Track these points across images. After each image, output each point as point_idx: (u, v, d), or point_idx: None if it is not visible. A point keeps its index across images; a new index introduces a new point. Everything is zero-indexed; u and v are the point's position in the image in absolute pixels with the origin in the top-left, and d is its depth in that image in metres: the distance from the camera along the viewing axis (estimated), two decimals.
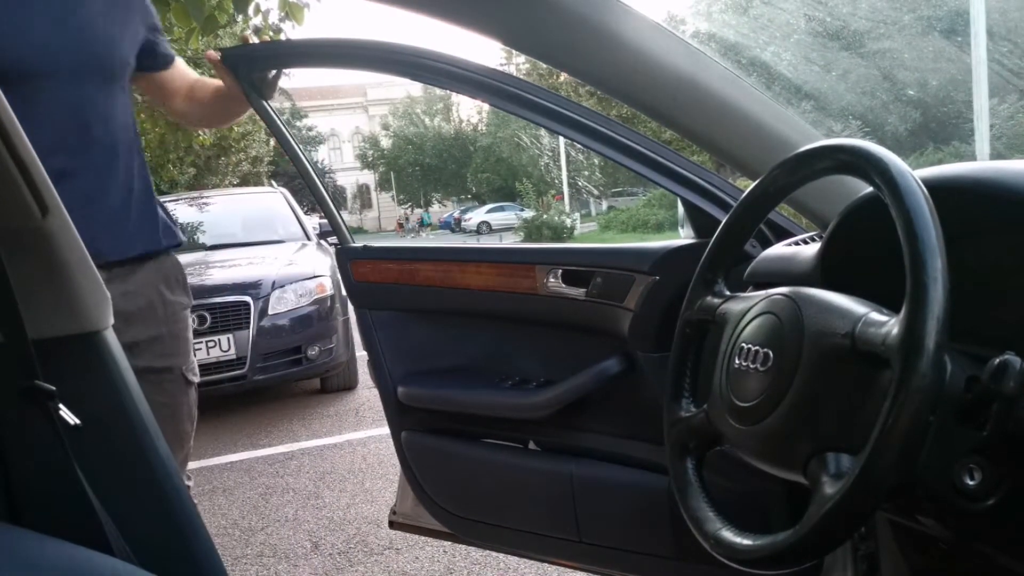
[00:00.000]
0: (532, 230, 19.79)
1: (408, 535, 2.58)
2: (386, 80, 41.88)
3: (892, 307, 0.74)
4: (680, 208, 1.72)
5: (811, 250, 1.14)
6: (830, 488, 0.72)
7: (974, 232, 0.83)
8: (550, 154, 26.62)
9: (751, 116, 1.15)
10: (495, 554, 2.60)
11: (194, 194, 7.74)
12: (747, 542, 0.82)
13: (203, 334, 4.61)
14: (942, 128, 15.18)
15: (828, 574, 1.21)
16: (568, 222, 20.56)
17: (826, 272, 1.05)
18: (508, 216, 30.73)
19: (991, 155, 11.38)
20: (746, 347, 0.87)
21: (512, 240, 21.65)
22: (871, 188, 0.98)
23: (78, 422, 1.00)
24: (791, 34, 15.89)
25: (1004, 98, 13.49)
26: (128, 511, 1.07)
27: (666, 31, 1.13)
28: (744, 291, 1.02)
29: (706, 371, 0.98)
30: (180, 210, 6.37)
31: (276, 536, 3.15)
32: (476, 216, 34.97)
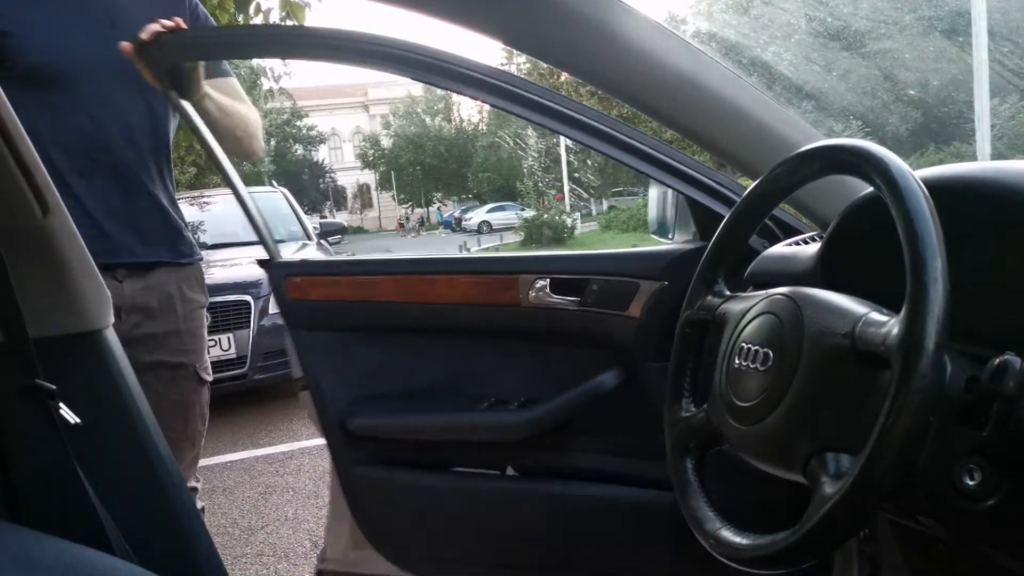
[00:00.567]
0: (533, 230, 19.79)
1: None
2: (387, 79, 41.81)
3: (892, 307, 0.74)
4: (651, 210, 1.68)
5: (811, 250, 1.14)
6: (830, 488, 0.72)
7: (975, 232, 0.83)
8: (542, 155, 26.60)
9: (752, 116, 1.15)
10: None
11: (195, 193, 7.73)
12: (747, 541, 0.82)
13: None
14: (943, 128, 15.18)
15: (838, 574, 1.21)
16: (568, 222, 20.55)
17: (826, 272, 1.05)
18: (509, 216, 30.74)
19: (992, 155, 11.37)
20: (746, 347, 0.87)
21: (513, 240, 21.64)
22: (871, 188, 0.98)
23: (78, 421, 1.00)
24: (792, 34, 15.90)
25: (1005, 98, 13.49)
26: (128, 510, 1.07)
27: (667, 31, 1.13)
28: (744, 291, 1.02)
29: (706, 371, 0.98)
30: (181, 209, 6.36)
31: (276, 535, 3.15)
32: (477, 216, 34.97)
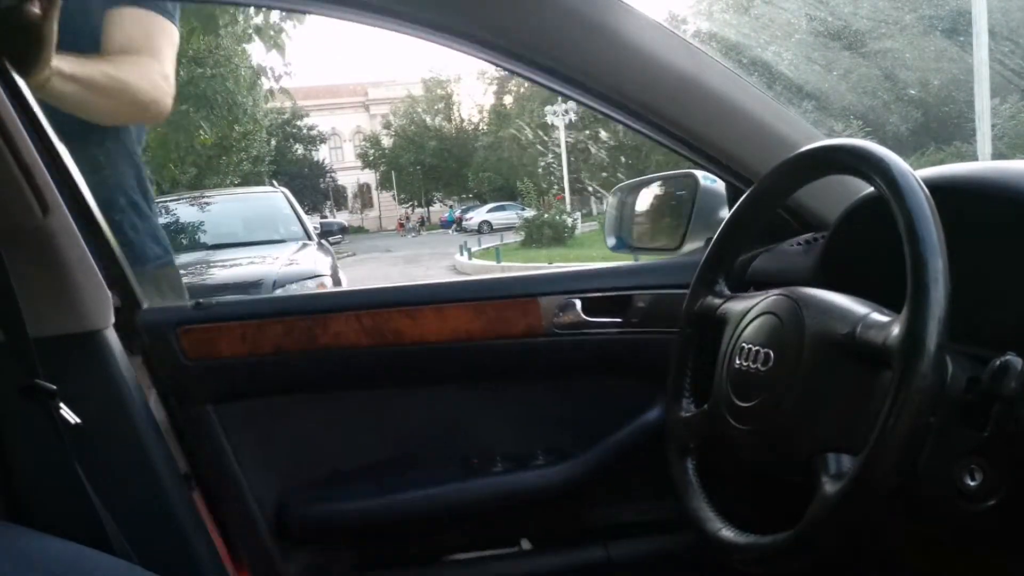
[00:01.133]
0: (533, 229, 19.77)
1: None
2: (387, 79, 41.85)
3: (893, 307, 0.74)
4: (609, 211, 1.52)
5: (813, 250, 1.14)
6: (830, 488, 0.72)
7: (975, 232, 0.83)
8: (554, 151, 26.56)
9: (752, 116, 1.15)
10: None
11: (195, 193, 7.74)
12: (747, 541, 0.82)
13: None
14: (943, 128, 15.18)
15: None
16: (569, 221, 20.54)
17: (827, 272, 1.05)
18: (509, 215, 30.72)
19: (993, 155, 11.36)
20: (747, 347, 0.87)
21: (513, 240, 21.63)
22: (872, 188, 0.98)
23: (78, 421, 1.00)
24: (792, 34, 15.91)
25: (1005, 98, 13.48)
26: (128, 509, 1.07)
27: (667, 31, 1.13)
28: (746, 291, 1.02)
29: (707, 371, 0.98)
30: (181, 210, 6.38)
31: None
32: (477, 215, 34.95)
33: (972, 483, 0.76)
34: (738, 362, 0.88)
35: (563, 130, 26.52)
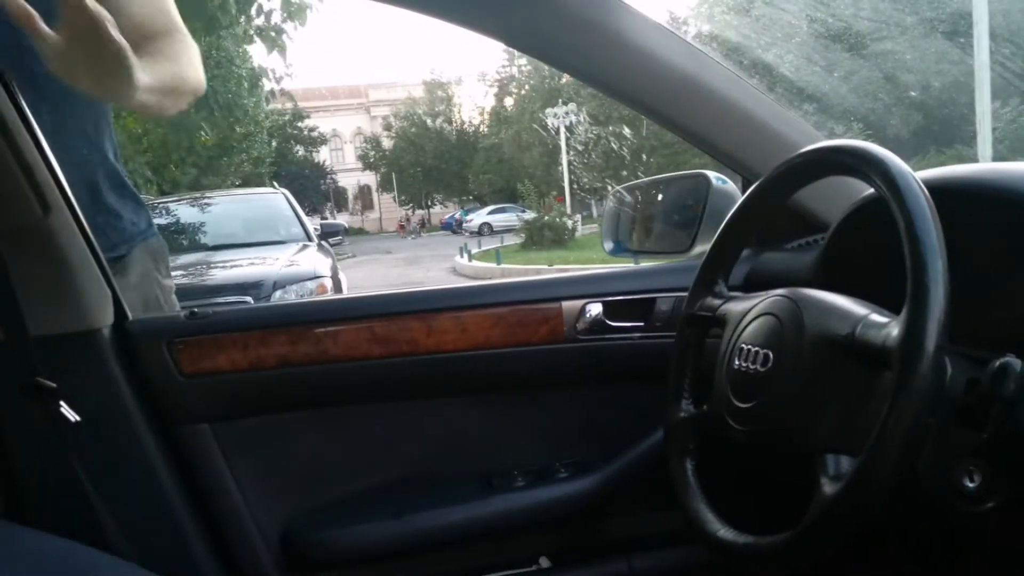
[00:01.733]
0: (534, 231, 19.77)
1: None
2: (387, 81, 41.85)
3: (893, 309, 0.74)
4: (607, 214, 1.48)
5: (813, 252, 1.14)
6: (829, 489, 0.72)
7: (975, 234, 0.83)
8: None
9: (753, 117, 1.15)
10: None
11: (196, 194, 7.74)
12: (746, 542, 0.82)
13: None
14: (944, 131, 15.17)
15: None
16: (570, 224, 20.54)
17: (827, 274, 1.05)
18: (510, 217, 30.71)
19: (993, 158, 11.36)
20: (746, 348, 0.87)
21: (514, 241, 21.62)
22: (872, 190, 0.98)
23: (78, 419, 1.00)
24: (793, 35, 15.90)
25: (1007, 101, 13.48)
26: (127, 508, 1.07)
27: (668, 32, 1.13)
28: (747, 292, 1.02)
29: (707, 372, 0.98)
30: (181, 210, 6.38)
31: None
32: (478, 218, 34.94)
33: (971, 484, 0.76)
34: (737, 363, 0.88)
35: (563, 132, 26.53)
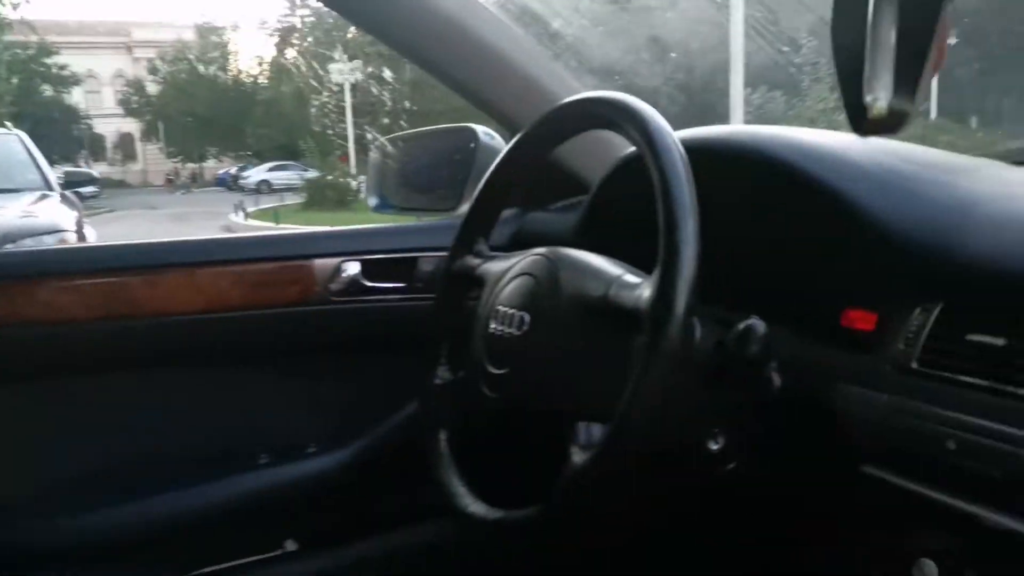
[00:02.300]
0: (316, 191, 19.08)
1: None
2: (153, 20, 38.38)
3: (649, 270, 0.72)
4: (371, 169, 1.41)
5: (577, 212, 1.12)
6: (578, 458, 0.69)
7: (724, 194, 0.83)
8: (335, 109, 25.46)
9: (520, 68, 1.10)
10: None
11: None
12: (497, 516, 0.78)
13: None
14: (704, 114, 16.37)
15: None
16: (354, 184, 20.02)
17: (589, 234, 1.02)
18: (291, 176, 29.45)
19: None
20: (502, 310, 0.82)
21: (294, 200, 20.77)
22: (632, 149, 0.96)
23: None
24: None
25: (756, 88, 14.82)
26: None
27: None
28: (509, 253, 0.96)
29: (465, 336, 0.92)
30: None
31: None
32: (256, 174, 33.13)
33: (715, 446, 0.77)
34: (493, 326, 0.82)
35: (348, 90, 25.75)
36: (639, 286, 0.68)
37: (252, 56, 42.57)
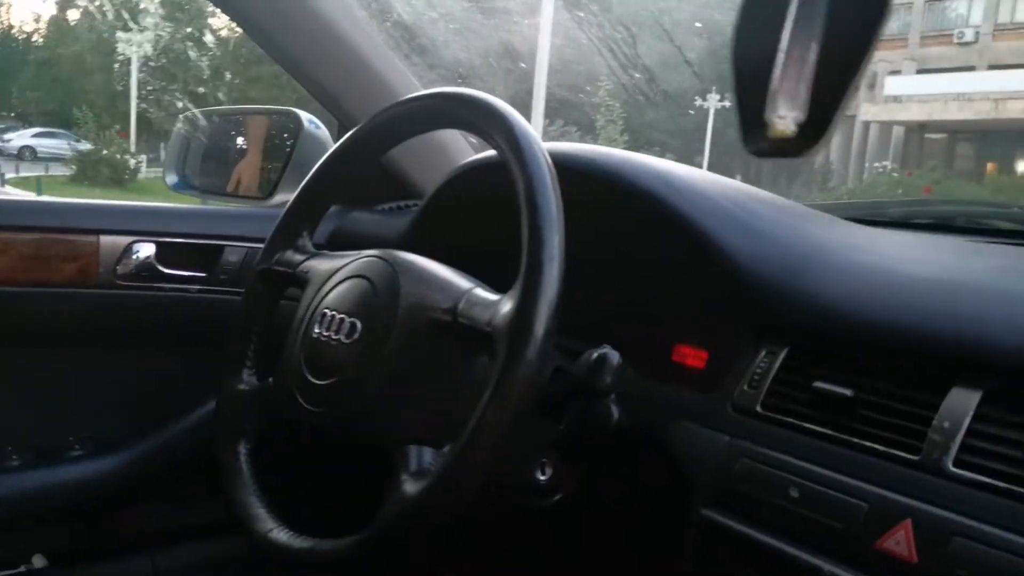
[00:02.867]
0: (88, 165, 17.34)
1: None
2: None
3: (489, 287, 0.67)
4: (173, 143, 1.26)
5: (405, 217, 1.05)
6: (410, 488, 0.62)
7: (578, 215, 0.80)
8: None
9: (363, 59, 1.03)
10: None
11: None
12: (304, 546, 0.68)
13: None
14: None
15: None
16: (132, 163, 18.40)
17: (420, 241, 0.96)
18: (60, 144, 26.53)
19: None
20: (329, 314, 0.73)
21: (61, 172, 18.76)
22: (473, 159, 0.91)
23: None
24: None
25: (553, 120, 15.47)
26: None
27: None
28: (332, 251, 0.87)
29: (278, 339, 0.82)
30: None
31: None
32: (19, 139, 29.59)
33: (543, 477, 0.73)
34: (317, 330, 0.73)
35: (135, 63, 23.76)
36: (494, 303, 0.63)
37: (29, 12, 38.15)
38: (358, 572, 0.65)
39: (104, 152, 17.80)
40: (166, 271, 1.03)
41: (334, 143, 1.10)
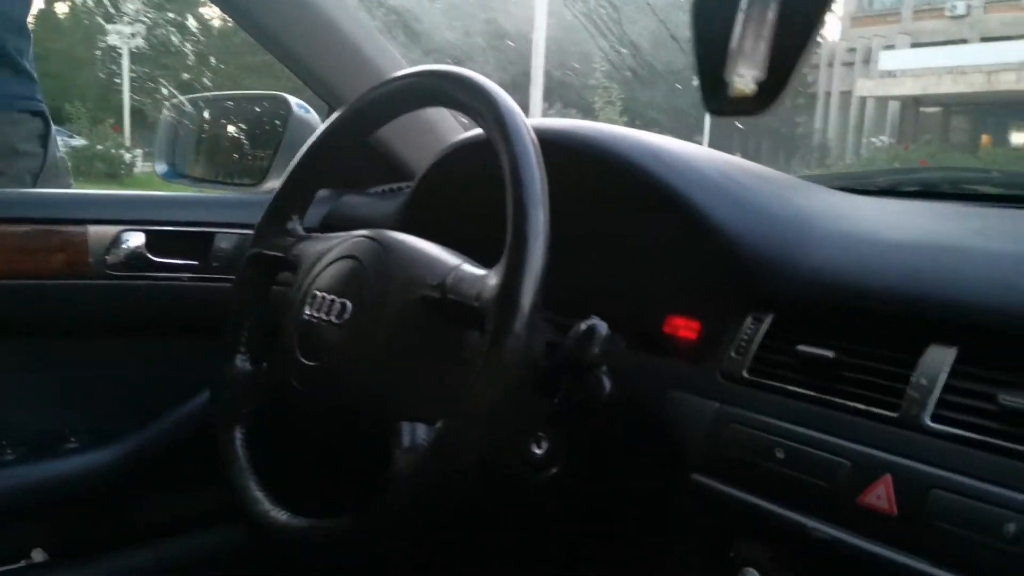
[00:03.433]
0: (83, 161, 17.26)
1: None
2: None
3: (480, 263, 0.67)
4: (162, 132, 1.27)
5: (398, 198, 1.06)
6: (404, 463, 0.62)
7: (567, 190, 0.81)
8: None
9: (350, 40, 1.03)
10: None
11: None
12: (303, 525, 0.69)
13: None
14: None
15: None
16: (128, 157, 18.32)
17: (413, 222, 0.96)
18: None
19: None
20: (320, 295, 0.73)
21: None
22: (462, 138, 0.91)
23: None
24: None
25: (552, 104, 15.39)
26: None
27: None
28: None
29: (272, 323, 0.82)
30: None
31: None
32: None
33: (539, 451, 0.74)
34: (308, 312, 0.74)
35: (127, 56, 23.61)
36: (481, 278, 0.63)
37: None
38: (356, 550, 0.66)
39: (98, 147, 17.70)
40: (157, 260, 1.02)
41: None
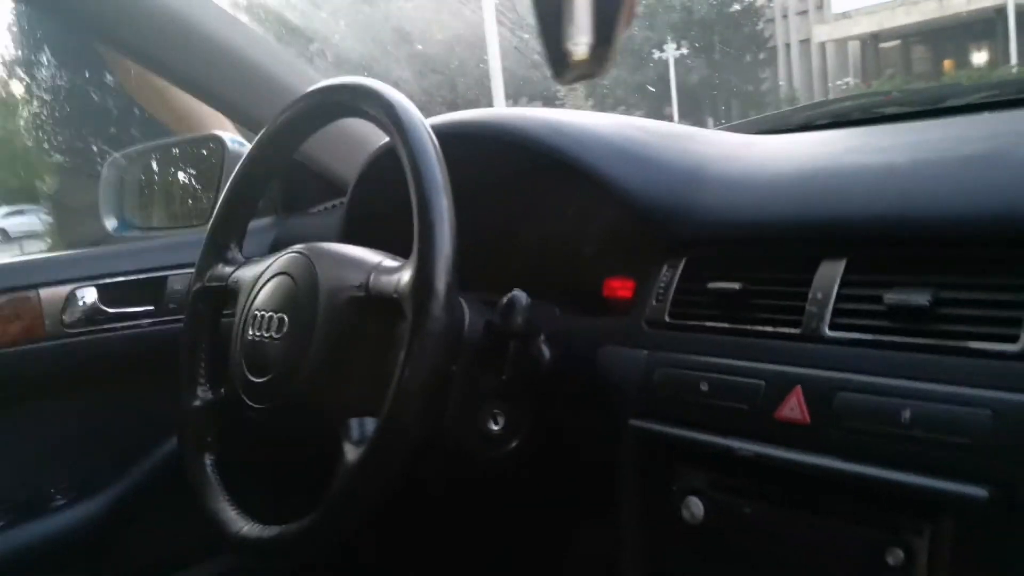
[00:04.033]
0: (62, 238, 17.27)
1: None
2: None
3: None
4: (104, 187, 1.26)
5: (338, 213, 1.08)
6: (352, 456, 0.65)
7: (483, 176, 0.83)
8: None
9: (255, 63, 1.04)
10: None
11: None
12: (272, 534, 0.72)
13: None
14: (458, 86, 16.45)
15: None
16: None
17: (351, 233, 0.99)
18: (31, 221, 26.20)
19: None
20: (259, 315, 0.76)
21: (39, 248, 18.64)
22: (381, 145, 0.94)
23: None
24: None
25: (518, 101, 15.39)
26: None
27: None
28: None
29: (225, 352, 0.85)
30: None
31: None
32: None
33: (496, 427, 0.76)
34: (251, 333, 0.76)
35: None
36: (398, 269, 0.66)
37: None
38: (325, 545, 0.68)
39: None
40: (113, 311, 1.03)
41: None
